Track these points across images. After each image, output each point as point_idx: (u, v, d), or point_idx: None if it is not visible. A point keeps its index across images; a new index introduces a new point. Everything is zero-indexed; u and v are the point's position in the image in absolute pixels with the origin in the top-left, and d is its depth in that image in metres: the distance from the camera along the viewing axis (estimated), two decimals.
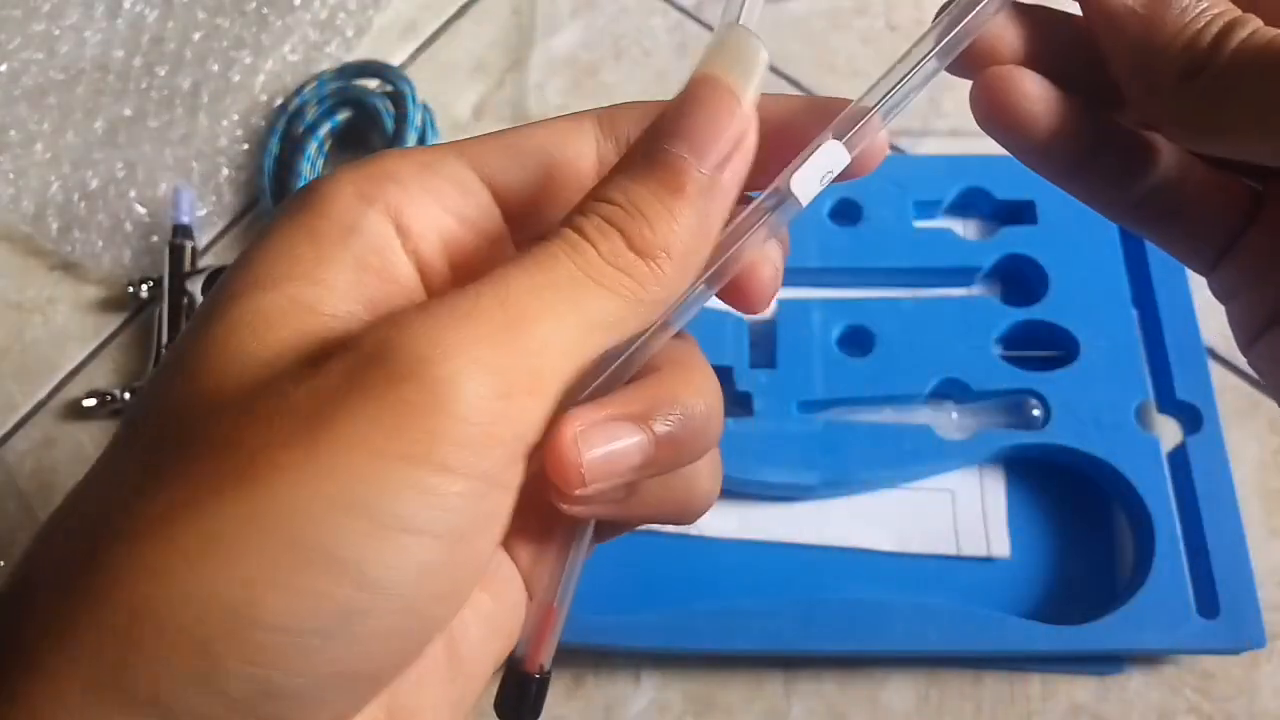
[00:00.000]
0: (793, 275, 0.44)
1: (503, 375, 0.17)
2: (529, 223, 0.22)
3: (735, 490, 0.41)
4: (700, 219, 0.19)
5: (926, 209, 0.46)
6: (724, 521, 0.41)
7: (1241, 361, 0.44)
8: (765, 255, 0.23)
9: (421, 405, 0.16)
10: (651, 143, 0.19)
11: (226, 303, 0.19)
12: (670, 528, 0.41)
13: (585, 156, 0.22)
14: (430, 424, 0.16)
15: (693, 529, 0.41)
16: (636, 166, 0.19)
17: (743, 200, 0.21)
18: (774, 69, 0.52)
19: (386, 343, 0.17)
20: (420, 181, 0.20)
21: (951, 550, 0.40)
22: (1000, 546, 0.40)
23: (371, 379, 0.17)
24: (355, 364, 0.17)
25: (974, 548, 0.40)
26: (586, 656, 0.40)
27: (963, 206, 0.47)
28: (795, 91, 0.51)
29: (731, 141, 0.19)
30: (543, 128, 0.22)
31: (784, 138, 0.22)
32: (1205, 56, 0.20)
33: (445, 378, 0.17)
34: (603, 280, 0.19)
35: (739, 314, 0.43)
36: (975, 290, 0.45)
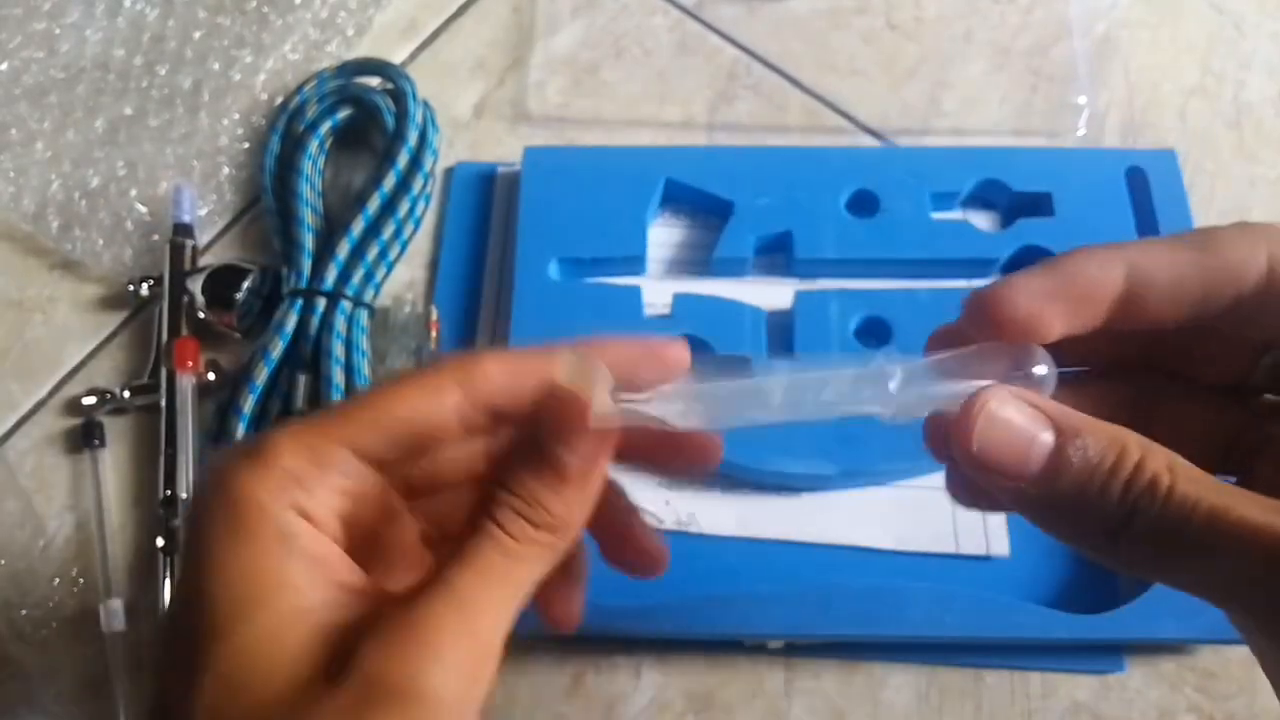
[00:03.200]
0: (810, 266, 0.45)
1: (469, 665, 0.23)
2: (404, 472, 0.27)
3: (751, 481, 0.41)
4: (581, 494, 0.26)
5: (943, 200, 0.46)
6: (721, 520, 0.41)
7: None
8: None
9: (418, 712, 0.22)
10: (538, 444, 0.25)
11: (228, 627, 0.23)
12: (668, 525, 0.41)
13: (447, 419, 0.26)
14: None
15: (691, 527, 0.41)
16: (530, 463, 0.25)
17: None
18: (774, 68, 0.52)
19: (380, 675, 0.22)
20: (316, 478, 0.25)
21: (950, 549, 0.40)
22: (999, 545, 0.40)
23: (376, 705, 0.22)
24: (359, 694, 0.22)
25: (973, 546, 0.40)
26: (587, 655, 0.40)
27: (979, 198, 0.47)
28: (795, 90, 0.51)
29: (599, 450, 0.26)
30: (404, 399, 0.26)
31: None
32: (1124, 518, 0.22)
33: (431, 688, 0.22)
34: (523, 558, 0.25)
35: (757, 305, 0.44)
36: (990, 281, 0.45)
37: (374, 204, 0.46)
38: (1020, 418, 0.23)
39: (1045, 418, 0.23)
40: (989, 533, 0.41)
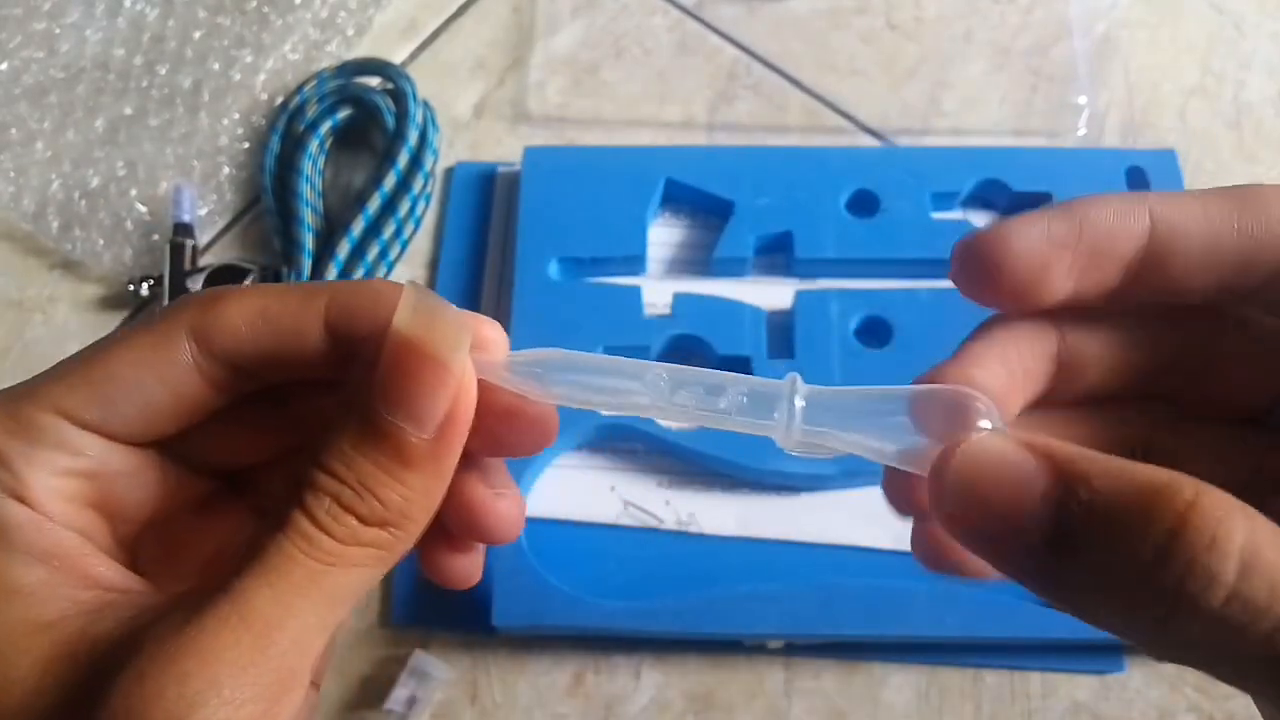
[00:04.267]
0: (810, 266, 0.45)
1: (258, 701, 0.18)
2: (187, 445, 0.22)
3: (751, 480, 0.42)
4: (429, 478, 0.20)
5: (943, 200, 0.46)
6: (721, 520, 0.41)
7: None
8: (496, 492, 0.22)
9: None
10: (368, 412, 0.19)
11: None
12: (668, 525, 0.41)
13: (182, 377, 0.21)
14: None
15: (691, 527, 0.41)
16: (357, 437, 0.19)
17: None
18: (774, 68, 0.52)
19: (134, 716, 0.17)
20: (23, 454, 0.20)
21: None
22: None
23: None
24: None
25: None
26: (587, 655, 0.40)
27: (979, 198, 0.47)
28: (795, 90, 0.51)
29: (447, 405, 0.19)
30: (125, 353, 0.20)
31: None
32: (1172, 600, 0.15)
33: None
34: (343, 561, 0.19)
35: (757, 304, 0.44)
36: None
37: (374, 204, 0.46)
38: (1013, 456, 0.17)
39: (1044, 457, 0.17)
40: None
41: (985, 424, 0.19)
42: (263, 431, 0.24)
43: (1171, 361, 0.22)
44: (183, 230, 0.47)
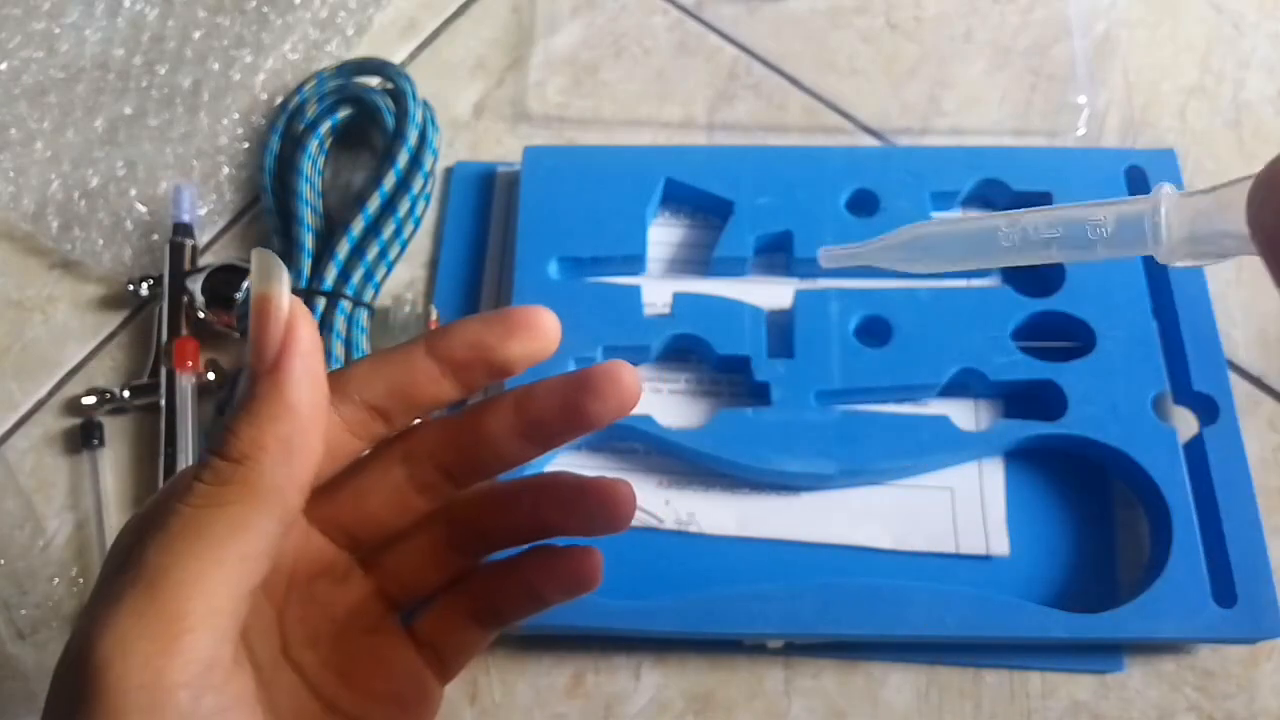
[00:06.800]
0: (810, 266, 0.45)
1: (150, 636, 0.20)
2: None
3: (751, 480, 0.42)
4: (273, 404, 0.22)
5: (943, 200, 0.46)
6: (721, 520, 0.41)
7: (1242, 359, 0.44)
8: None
9: (86, 694, 0.20)
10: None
11: None
12: (668, 525, 0.41)
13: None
14: (99, 709, 0.19)
15: (691, 527, 0.41)
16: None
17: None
18: (774, 68, 0.52)
19: (70, 641, 0.21)
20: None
21: (950, 549, 0.40)
22: (999, 545, 0.40)
23: (62, 679, 0.21)
24: (60, 666, 0.21)
25: (973, 546, 0.40)
26: (587, 655, 0.40)
27: (979, 198, 0.47)
28: (795, 90, 0.51)
29: (278, 336, 0.22)
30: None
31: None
32: None
33: (99, 664, 0.20)
34: (213, 501, 0.21)
35: (757, 304, 0.44)
36: (992, 282, 0.45)
37: (374, 203, 0.46)
38: None
39: None
40: (989, 532, 0.41)
41: None
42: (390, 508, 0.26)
43: None
44: (182, 230, 0.47)
